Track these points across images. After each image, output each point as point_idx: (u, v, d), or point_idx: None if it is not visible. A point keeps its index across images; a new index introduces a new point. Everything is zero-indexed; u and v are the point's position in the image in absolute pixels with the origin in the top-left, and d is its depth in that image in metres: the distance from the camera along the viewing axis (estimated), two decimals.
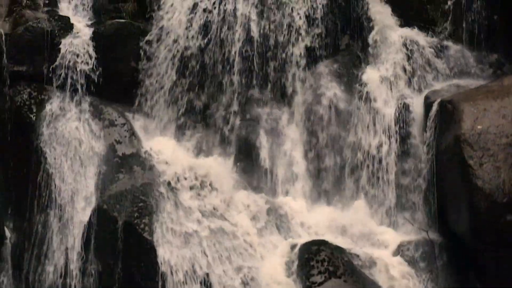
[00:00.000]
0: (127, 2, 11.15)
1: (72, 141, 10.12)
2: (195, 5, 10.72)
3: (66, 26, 10.72)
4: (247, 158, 10.40)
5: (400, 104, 10.40)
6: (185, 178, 10.09)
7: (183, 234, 9.57)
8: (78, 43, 10.57)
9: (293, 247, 9.60)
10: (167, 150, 10.35)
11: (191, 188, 10.04)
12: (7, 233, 9.99)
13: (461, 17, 10.91)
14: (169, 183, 9.98)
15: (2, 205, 10.03)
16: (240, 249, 9.64)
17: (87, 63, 10.52)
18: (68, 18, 10.86)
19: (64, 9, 11.18)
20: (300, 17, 10.76)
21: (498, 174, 9.18)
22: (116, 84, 10.67)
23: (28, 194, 9.94)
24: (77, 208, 9.83)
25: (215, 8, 10.67)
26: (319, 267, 9.33)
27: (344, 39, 11.06)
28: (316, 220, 10.01)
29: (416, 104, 10.33)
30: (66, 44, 10.54)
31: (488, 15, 10.90)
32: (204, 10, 10.65)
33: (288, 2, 10.73)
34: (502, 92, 9.75)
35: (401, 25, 10.98)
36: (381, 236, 9.92)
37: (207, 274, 9.35)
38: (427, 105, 10.14)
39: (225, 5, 10.69)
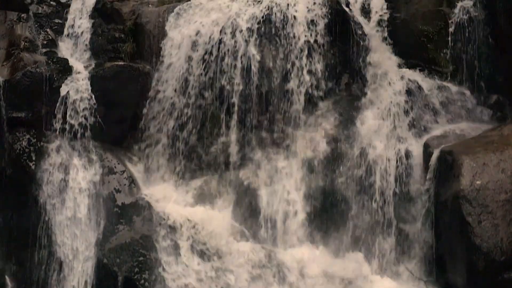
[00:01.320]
0: (125, 43, 11.08)
1: (71, 191, 10.12)
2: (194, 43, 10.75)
3: (65, 69, 10.62)
4: (246, 205, 10.40)
5: (400, 150, 10.35)
6: (184, 228, 10.11)
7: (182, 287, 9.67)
8: (77, 87, 10.51)
9: None
10: (166, 198, 10.38)
11: (190, 238, 10.05)
12: (8, 282, 10.04)
13: (461, 57, 10.82)
14: (168, 234, 10.00)
15: (3, 255, 10.08)
16: None
17: (87, 108, 10.47)
18: (67, 60, 10.77)
19: (63, 49, 11.08)
20: (300, 58, 10.69)
21: (496, 232, 9.18)
22: (116, 128, 10.67)
23: (28, 244, 9.97)
24: (77, 261, 9.86)
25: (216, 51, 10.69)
26: None
27: (344, 78, 10.99)
28: (315, 270, 10.02)
29: (416, 151, 10.28)
30: (65, 89, 10.49)
31: (489, 54, 10.80)
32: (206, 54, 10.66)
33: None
34: (502, 144, 9.71)
35: (401, 65, 10.90)
36: (380, 286, 9.95)
37: None
38: (427, 153, 10.10)
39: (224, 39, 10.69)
